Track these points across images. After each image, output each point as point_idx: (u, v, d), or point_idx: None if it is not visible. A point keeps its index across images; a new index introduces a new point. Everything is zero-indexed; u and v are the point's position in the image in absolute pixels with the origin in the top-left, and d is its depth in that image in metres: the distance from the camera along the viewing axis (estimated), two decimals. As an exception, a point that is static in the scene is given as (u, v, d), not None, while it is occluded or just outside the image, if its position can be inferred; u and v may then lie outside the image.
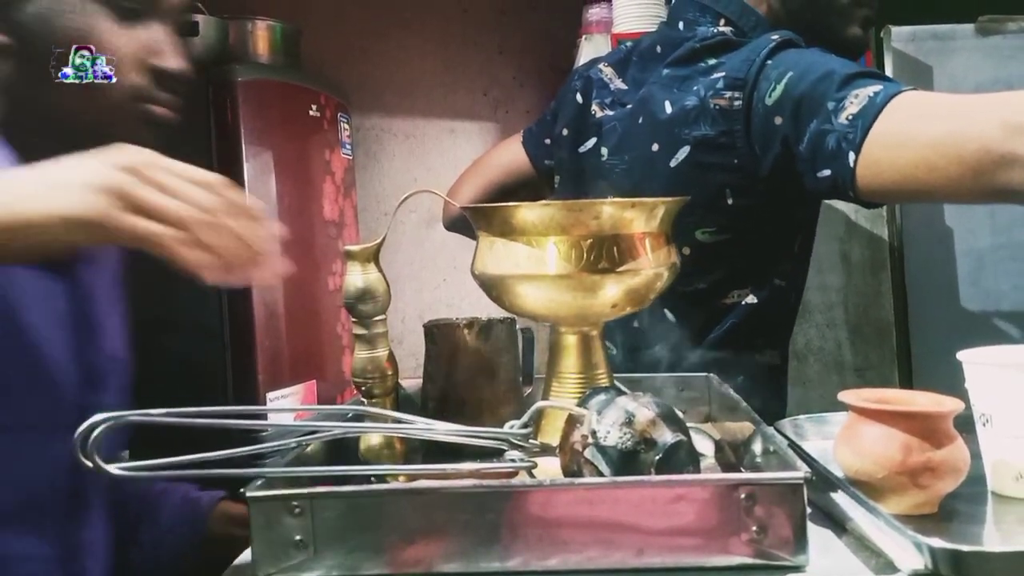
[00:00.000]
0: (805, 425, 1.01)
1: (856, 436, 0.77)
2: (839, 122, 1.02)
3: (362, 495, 0.67)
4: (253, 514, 0.65)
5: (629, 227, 0.87)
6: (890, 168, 0.99)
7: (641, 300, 0.91)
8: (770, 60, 1.13)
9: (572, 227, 0.85)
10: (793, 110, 1.08)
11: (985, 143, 0.91)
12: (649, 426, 0.72)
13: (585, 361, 0.94)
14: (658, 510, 0.64)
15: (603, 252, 0.85)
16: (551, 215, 0.85)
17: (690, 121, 1.18)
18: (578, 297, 0.87)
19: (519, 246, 0.87)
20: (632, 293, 0.89)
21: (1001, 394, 0.79)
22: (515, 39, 3.03)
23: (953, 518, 0.75)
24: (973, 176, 0.92)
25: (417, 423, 0.85)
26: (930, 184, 0.97)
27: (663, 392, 1.08)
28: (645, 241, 0.88)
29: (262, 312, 2.10)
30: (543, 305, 0.89)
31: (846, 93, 1.03)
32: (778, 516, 0.64)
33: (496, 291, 0.92)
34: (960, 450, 0.74)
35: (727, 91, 1.15)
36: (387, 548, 0.65)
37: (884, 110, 0.99)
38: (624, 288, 0.88)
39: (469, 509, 0.65)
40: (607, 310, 0.90)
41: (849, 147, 1.01)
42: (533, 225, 0.86)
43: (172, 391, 1.11)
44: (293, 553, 0.65)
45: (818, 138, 1.05)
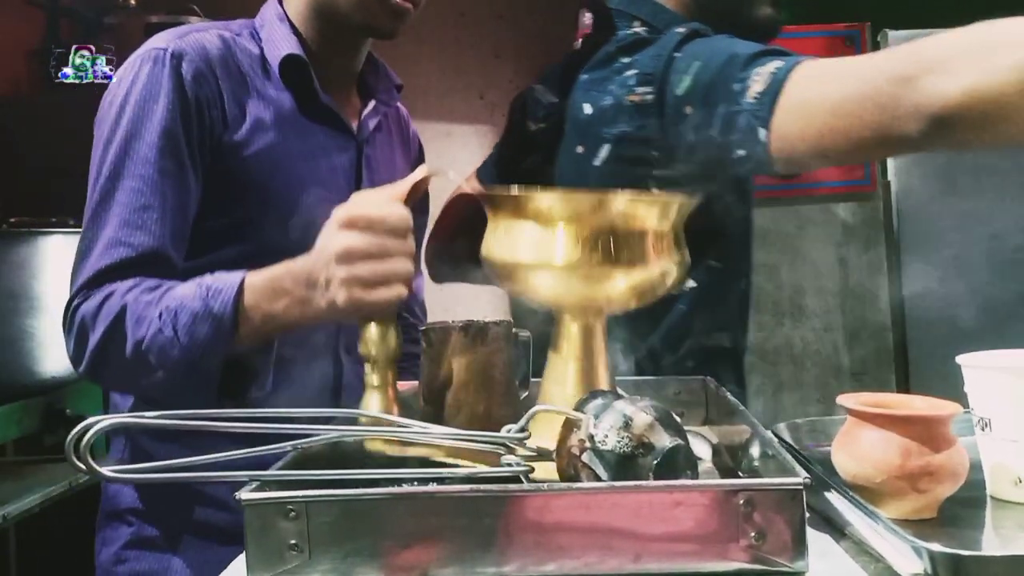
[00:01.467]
0: (803, 429, 1.01)
1: (855, 440, 0.76)
2: (747, 101, 1.05)
3: (358, 499, 0.66)
4: (248, 518, 0.64)
5: (641, 223, 0.87)
6: (800, 138, 1.03)
7: (648, 296, 0.91)
8: (678, 53, 1.16)
9: (583, 217, 0.85)
10: (703, 98, 1.11)
11: (879, 99, 0.95)
12: (647, 430, 0.72)
13: (586, 350, 0.93)
14: (656, 515, 0.64)
15: (612, 245, 0.85)
16: (563, 203, 0.85)
17: (608, 120, 1.22)
18: (583, 288, 0.87)
19: (528, 232, 0.86)
20: (639, 289, 0.89)
21: (1000, 398, 0.79)
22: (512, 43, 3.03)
23: (952, 522, 0.74)
24: (874, 133, 0.96)
25: (413, 427, 0.85)
26: (840, 147, 1.01)
27: (660, 395, 1.08)
28: (655, 237, 0.88)
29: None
30: (548, 293, 0.89)
31: (749, 72, 1.06)
32: (777, 521, 0.63)
33: (502, 276, 0.92)
34: (959, 454, 0.74)
35: (639, 87, 1.18)
36: (383, 552, 0.65)
37: (786, 83, 1.02)
38: (631, 283, 0.88)
39: (465, 514, 0.65)
40: (612, 303, 0.90)
41: (759, 123, 1.04)
42: (544, 212, 0.86)
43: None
44: (288, 557, 0.64)
45: (729, 120, 1.08)
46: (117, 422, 0.69)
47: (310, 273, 0.91)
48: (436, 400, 0.98)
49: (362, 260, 0.87)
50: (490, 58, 3.02)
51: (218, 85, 1.07)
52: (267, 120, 1.10)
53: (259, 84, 1.11)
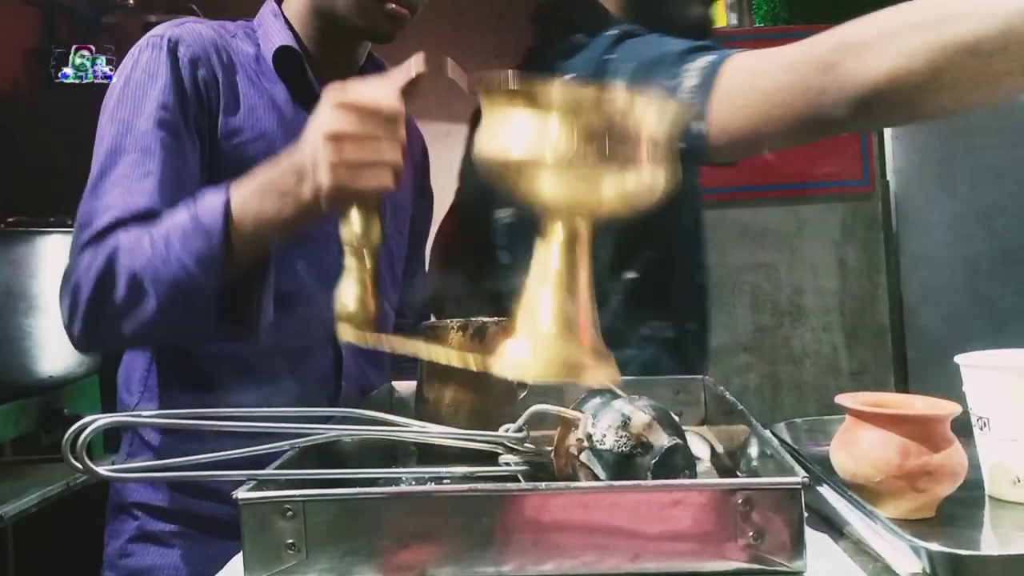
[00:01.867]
0: (802, 428, 1.01)
1: (853, 440, 0.76)
2: (681, 96, 1.06)
3: (355, 498, 0.66)
4: (245, 517, 0.64)
5: (636, 122, 0.84)
6: (735, 129, 1.05)
7: (635, 202, 0.88)
8: (610, 55, 1.17)
9: (579, 111, 0.82)
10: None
11: (806, 86, 0.98)
12: (645, 429, 0.71)
13: (569, 257, 0.88)
14: (654, 515, 0.64)
15: (607, 141, 0.82)
16: (559, 95, 0.83)
17: None
18: (575, 186, 0.84)
19: (522, 125, 0.84)
20: (628, 193, 0.86)
21: (999, 398, 0.79)
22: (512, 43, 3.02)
23: (951, 522, 0.74)
24: (805, 119, 1.00)
25: (412, 426, 0.85)
26: (773, 133, 1.04)
27: (658, 395, 1.08)
28: (649, 140, 0.85)
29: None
30: (539, 191, 0.86)
31: (681, 69, 1.07)
32: (775, 521, 0.63)
33: (494, 173, 0.88)
34: (958, 454, 0.74)
35: None
36: (380, 552, 0.64)
37: (718, 76, 1.04)
38: (621, 185, 0.85)
39: (463, 513, 0.64)
40: (602, 206, 0.87)
41: (695, 117, 1.05)
42: (539, 104, 0.83)
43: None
44: (285, 556, 0.64)
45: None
46: (114, 421, 0.68)
47: (298, 160, 0.90)
48: (434, 399, 0.98)
49: (351, 143, 0.86)
50: (490, 58, 3.02)
51: (214, 71, 1.08)
52: (261, 110, 1.11)
53: (253, 76, 1.12)
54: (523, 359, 0.80)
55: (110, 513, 1.14)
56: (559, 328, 0.81)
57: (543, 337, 0.80)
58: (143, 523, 1.10)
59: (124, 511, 1.11)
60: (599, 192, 0.84)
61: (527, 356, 0.80)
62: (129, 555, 1.10)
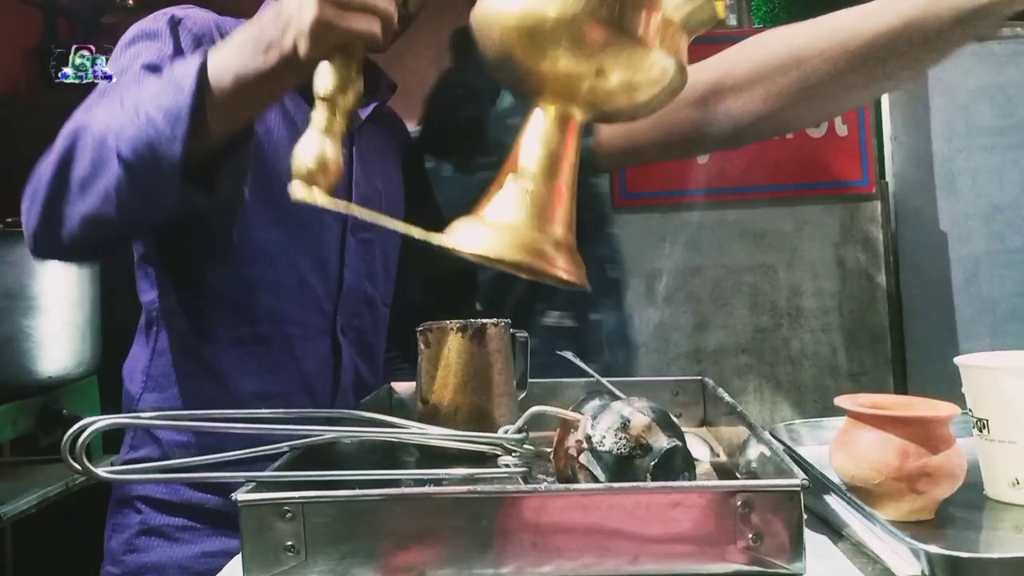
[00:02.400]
0: (800, 430, 1.01)
1: (853, 441, 0.76)
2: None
3: (354, 500, 0.66)
4: (244, 519, 0.64)
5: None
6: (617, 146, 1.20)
7: (634, 96, 0.83)
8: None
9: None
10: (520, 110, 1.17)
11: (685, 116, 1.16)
12: (644, 431, 0.71)
13: (554, 148, 0.83)
14: (653, 517, 0.64)
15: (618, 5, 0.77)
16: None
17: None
18: (572, 57, 0.78)
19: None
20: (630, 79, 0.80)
21: (998, 399, 0.79)
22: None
23: (950, 524, 0.74)
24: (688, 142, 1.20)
25: (411, 427, 0.85)
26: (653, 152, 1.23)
27: (658, 396, 1.08)
28: (664, 23, 0.79)
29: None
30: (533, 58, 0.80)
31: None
32: (774, 523, 0.63)
33: (489, 35, 0.83)
34: (957, 455, 0.74)
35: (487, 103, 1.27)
36: (379, 554, 0.64)
37: None
38: (624, 66, 0.79)
39: (462, 515, 0.64)
40: (596, 92, 0.81)
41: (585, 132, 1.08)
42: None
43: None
44: (284, 558, 0.64)
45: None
46: (113, 422, 0.68)
47: (283, 8, 0.84)
48: (434, 400, 0.98)
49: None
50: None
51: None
52: None
53: None
54: (485, 234, 0.77)
55: (113, 507, 1.13)
56: (531, 213, 0.78)
57: (512, 217, 0.78)
58: (147, 517, 1.09)
59: (127, 504, 1.11)
60: (601, 70, 0.79)
61: (490, 233, 0.77)
62: (134, 550, 1.09)
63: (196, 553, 1.08)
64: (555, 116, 0.83)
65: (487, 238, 0.77)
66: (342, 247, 1.17)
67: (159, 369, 1.10)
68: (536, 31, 0.77)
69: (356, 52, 0.82)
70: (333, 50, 0.82)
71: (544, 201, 0.80)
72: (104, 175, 0.90)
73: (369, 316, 1.22)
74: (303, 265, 1.12)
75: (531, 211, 0.79)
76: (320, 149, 0.79)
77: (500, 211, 0.79)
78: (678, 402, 1.10)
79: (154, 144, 0.86)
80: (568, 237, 0.80)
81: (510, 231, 0.78)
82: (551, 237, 0.78)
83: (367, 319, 1.22)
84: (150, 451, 1.09)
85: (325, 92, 0.81)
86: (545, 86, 0.82)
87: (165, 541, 1.09)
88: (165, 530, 1.09)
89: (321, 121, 0.80)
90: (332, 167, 0.79)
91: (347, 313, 1.17)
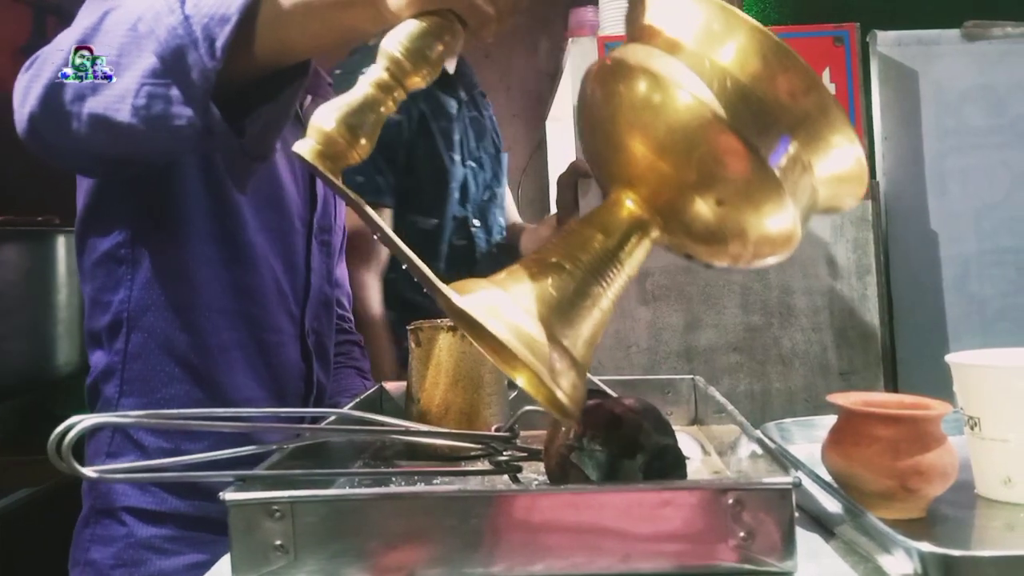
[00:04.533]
0: (792, 428, 1.00)
1: (844, 440, 0.76)
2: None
3: (344, 499, 0.66)
4: (232, 518, 0.64)
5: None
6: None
7: (739, 241, 0.68)
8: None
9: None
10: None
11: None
12: (635, 430, 0.71)
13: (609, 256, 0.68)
14: (644, 515, 0.63)
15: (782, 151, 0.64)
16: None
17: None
18: (709, 172, 0.64)
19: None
20: (751, 220, 0.66)
21: (989, 397, 0.79)
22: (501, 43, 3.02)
23: (941, 522, 0.74)
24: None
25: (401, 426, 0.84)
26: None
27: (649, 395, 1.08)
28: (812, 192, 0.67)
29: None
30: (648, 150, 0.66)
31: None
32: (766, 521, 0.63)
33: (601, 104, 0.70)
34: (949, 453, 0.74)
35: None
36: (369, 553, 0.64)
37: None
38: (759, 205, 0.65)
39: (452, 514, 0.64)
40: (704, 215, 0.67)
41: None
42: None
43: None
44: (273, 558, 0.63)
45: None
46: (100, 422, 0.68)
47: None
48: (424, 399, 0.97)
49: None
50: (480, 58, 3.01)
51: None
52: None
53: None
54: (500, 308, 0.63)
55: (92, 516, 1.06)
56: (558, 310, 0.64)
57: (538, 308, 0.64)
58: (133, 529, 1.04)
59: (110, 515, 1.05)
60: (723, 200, 0.65)
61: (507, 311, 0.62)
62: (123, 564, 1.03)
63: (187, 564, 1.04)
64: (634, 219, 0.69)
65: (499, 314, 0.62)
66: (308, 251, 1.16)
67: (135, 373, 1.04)
68: (674, 129, 0.64)
69: (456, 31, 0.68)
70: (434, 14, 0.68)
71: (580, 305, 0.65)
72: (127, 71, 0.80)
73: (326, 319, 1.22)
74: (278, 269, 1.11)
75: (559, 308, 0.65)
76: (350, 114, 0.63)
77: (527, 293, 0.64)
78: (669, 401, 1.10)
79: (185, 47, 0.77)
80: (586, 357, 0.66)
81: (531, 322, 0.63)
82: (567, 349, 0.64)
83: (324, 322, 1.21)
84: (134, 458, 1.03)
85: (400, 52, 0.65)
86: (646, 187, 0.68)
87: (154, 554, 1.04)
88: (154, 542, 1.04)
89: (374, 83, 0.65)
90: (363, 143, 0.64)
91: (311, 317, 1.16)
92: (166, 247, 1.04)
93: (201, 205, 1.04)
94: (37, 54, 0.87)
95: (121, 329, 1.05)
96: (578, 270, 0.66)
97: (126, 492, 1.05)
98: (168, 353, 1.05)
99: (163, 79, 0.79)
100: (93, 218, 1.06)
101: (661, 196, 0.67)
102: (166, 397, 1.04)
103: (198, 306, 1.05)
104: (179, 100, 0.79)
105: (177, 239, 1.04)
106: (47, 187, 1.54)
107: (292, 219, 1.13)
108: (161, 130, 0.81)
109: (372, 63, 0.65)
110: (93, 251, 1.06)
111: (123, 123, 0.81)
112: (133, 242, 1.04)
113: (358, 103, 0.64)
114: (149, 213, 1.04)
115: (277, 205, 1.11)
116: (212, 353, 1.05)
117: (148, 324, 1.04)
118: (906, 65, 1.87)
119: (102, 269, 1.05)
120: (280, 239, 1.12)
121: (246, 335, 1.08)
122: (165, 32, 0.78)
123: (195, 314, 1.05)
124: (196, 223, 1.04)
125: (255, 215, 1.07)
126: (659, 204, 0.68)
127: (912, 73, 1.87)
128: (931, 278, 1.84)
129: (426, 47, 0.66)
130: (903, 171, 1.82)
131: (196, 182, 1.04)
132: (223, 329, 1.06)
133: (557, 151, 2.63)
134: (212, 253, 1.05)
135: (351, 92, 0.64)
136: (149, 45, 0.79)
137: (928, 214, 1.85)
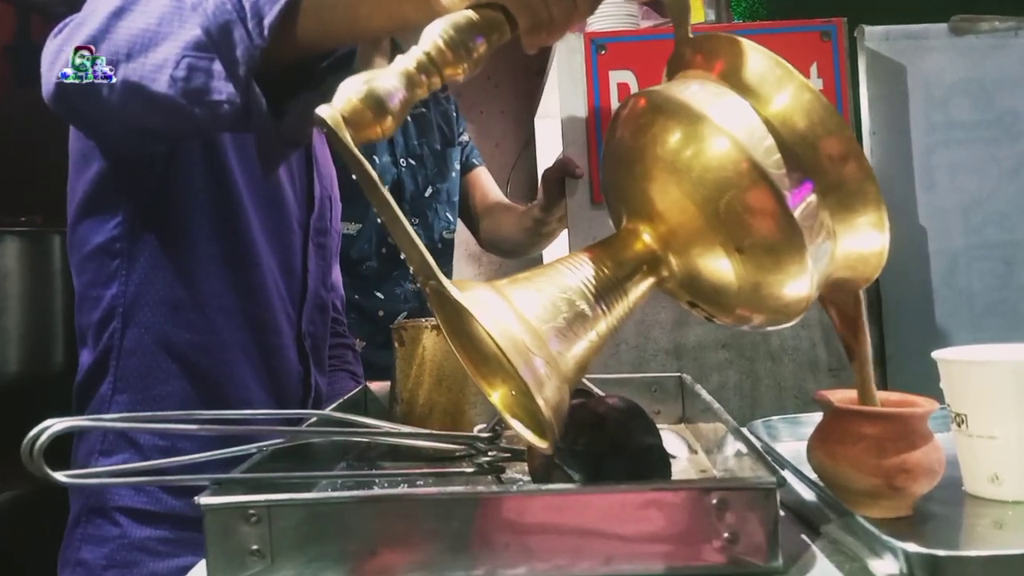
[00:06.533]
0: (779, 426, 1.00)
1: (831, 437, 0.75)
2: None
3: (321, 503, 0.65)
4: (208, 523, 0.63)
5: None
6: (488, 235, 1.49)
7: (748, 297, 0.68)
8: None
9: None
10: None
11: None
12: (619, 430, 0.70)
13: (615, 285, 0.68)
14: (628, 516, 0.63)
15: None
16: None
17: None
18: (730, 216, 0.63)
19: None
20: (766, 276, 0.65)
21: (977, 394, 0.78)
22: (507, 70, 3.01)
23: (928, 521, 0.74)
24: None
25: (384, 427, 0.83)
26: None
27: (636, 393, 1.07)
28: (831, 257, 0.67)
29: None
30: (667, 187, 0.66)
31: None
32: (750, 521, 0.62)
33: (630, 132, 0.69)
34: (935, 451, 0.73)
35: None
36: (348, 558, 0.63)
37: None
38: (777, 259, 0.64)
39: (434, 517, 0.63)
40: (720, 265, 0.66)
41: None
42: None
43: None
44: (250, 563, 0.62)
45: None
46: (73, 425, 0.67)
47: None
48: (408, 399, 0.96)
49: None
50: (488, 85, 3.01)
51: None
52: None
53: None
54: (499, 314, 0.61)
55: (83, 515, 1.04)
56: (557, 327, 0.63)
57: (538, 319, 0.62)
58: (127, 530, 1.02)
59: (103, 515, 1.03)
60: (742, 248, 0.64)
61: (504, 317, 0.61)
62: (115, 565, 1.02)
63: (181, 566, 1.02)
64: (648, 253, 0.69)
65: (494, 315, 0.61)
66: (304, 252, 1.15)
67: (130, 369, 1.03)
68: (708, 169, 0.63)
69: (504, 31, 0.68)
70: (486, 9, 0.67)
71: (577, 325, 0.64)
72: (166, 40, 0.78)
73: (322, 322, 1.21)
74: (276, 270, 1.10)
75: (556, 324, 0.64)
76: (389, 90, 0.60)
77: (526, 302, 0.63)
78: (656, 399, 1.09)
79: (233, 23, 0.76)
80: (573, 377, 0.65)
81: (525, 329, 0.61)
82: (557, 364, 0.62)
83: (320, 325, 1.20)
84: (128, 456, 1.01)
85: (443, 40, 0.64)
86: (665, 224, 0.67)
87: (148, 556, 1.03)
88: (148, 543, 1.03)
89: (412, 65, 0.63)
90: (389, 122, 0.60)
91: (307, 319, 1.15)
92: (166, 242, 1.02)
93: (204, 200, 1.03)
94: (69, 18, 0.84)
95: (112, 324, 1.03)
96: (583, 292, 0.66)
97: (120, 491, 1.03)
98: (165, 350, 1.03)
99: (207, 52, 0.78)
100: (88, 210, 1.04)
101: (679, 236, 0.67)
102: (161, 394, 1.02)
103: (198, 303, 1.03)
104: (221, 75, 0.78)
105: (178, 234, 1.02)
106: (31, 187, 1.53)
107: (290, 220, 1.12)
108: (199, 104, 0.80)
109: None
110: (85, 244, 1.04)
111: (159, 93, 0.79)
112: (130, 236, 1.02)
113: (392, 80, 0.61)
114: (149, 207, 1.02)
115: (276, 205, 1.10)
116: (212, 352, 1.04)
117: (144, 319, 1.03)
118: (894, 60, 1.86)
119: (94, 263, 1.04)
120: (278, 240, 1.11)
121: (249, 336, 1.06)
122: (213, 5, 0.77)
123: (195, 311, 1.03)
124: (198, 219, 1.03)
125: (256, 214, 1.06)
126: (676, 244, 0.68)
127: (900, 68, 1.86)
128: (919, 273, 1.83)
129: (470, 40, 0.65)
130: (891, 166, 1.82)
131: (199, 176, 1.03)
132: (225, 328, 1.05)
133: (545, 148, 2.62)
134: (214, 250, 1.04)
135: (387, 68, 0.62)
136: (194, 17, 0.78)
137: (916, 209, 1.85)
